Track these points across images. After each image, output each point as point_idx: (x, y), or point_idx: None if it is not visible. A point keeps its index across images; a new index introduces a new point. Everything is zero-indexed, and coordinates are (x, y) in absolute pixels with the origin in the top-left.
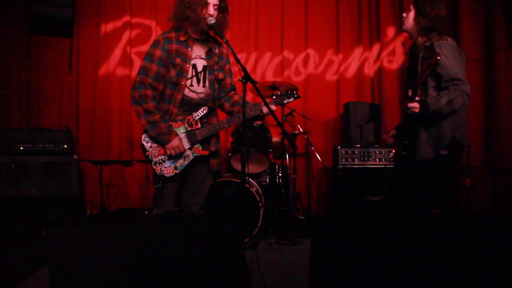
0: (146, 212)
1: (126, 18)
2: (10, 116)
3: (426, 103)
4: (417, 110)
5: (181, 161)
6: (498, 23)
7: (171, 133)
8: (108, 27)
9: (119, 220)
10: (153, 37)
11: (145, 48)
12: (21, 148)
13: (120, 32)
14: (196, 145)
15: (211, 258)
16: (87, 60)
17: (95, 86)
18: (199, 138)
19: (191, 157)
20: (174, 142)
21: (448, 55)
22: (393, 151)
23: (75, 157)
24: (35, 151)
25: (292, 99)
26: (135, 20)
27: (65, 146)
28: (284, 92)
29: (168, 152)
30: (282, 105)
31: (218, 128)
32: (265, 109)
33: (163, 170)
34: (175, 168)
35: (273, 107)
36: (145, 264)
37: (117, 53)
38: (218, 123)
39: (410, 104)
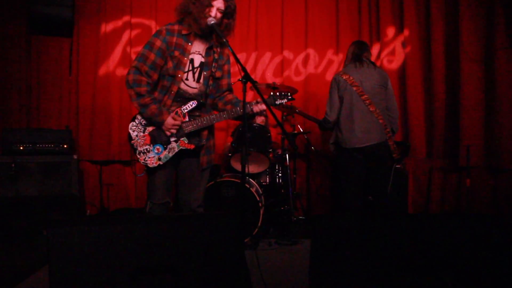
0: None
1: (126, 18)
2: (10, 116)
3: (320, 122)
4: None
5: (165, 152)
6: (498, 23)
7: (163, 113)
8: (108, 27)
9: (119, 220)
10: None
11: None
12: (21, 148)
13: (120, 32)
14: (182, 138)
15: (211, 258)
16: (87, 60)
17: (95, 86)
18: (186, 131)
19: (176, 149)
20: (169, 122)
21: None
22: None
23: (75, 157)
24: (35, 151)
25: (285, 100)
26: (135, 20)
27: (65, 146)
28: (277, 93)
29: (169, 133)
30: (274, 105)
31: (206, 123)
32: (255, 108)
33: (146, 160)
34: (159, 159)
35: (263, 106)
36: (145, 264)
37: (117, 53)
38: (206, 118)
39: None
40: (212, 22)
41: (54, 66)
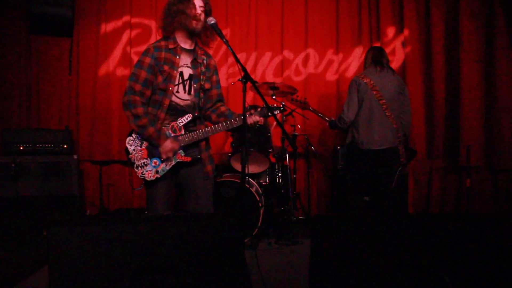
0: (146, 212)
1: (126, 18)
2: (10, 116)
3: (332, 121)
4: (327, 125)
5: (163, 165)
6: (498, 23)
7: (160, 137)
8: (108, 27)
9: (119, 220)
10: (153, 37)
11: (145, 47)
12: (21, 148)
13: (120, 32)
14: (178, 151)
15: (211, 258)
16: (87, 60)
17: (95, 86)
18: (182, 144)
19: (173, 162)
20: (166, 146)
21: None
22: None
23: (75, 157)
24: (35, 151)
25: (278, 111)
26: (135, 20)
27: (65, 146)
28: (270, 105)
29: (165, 156)
30: (267, 117)
31: (202, 136)
32: (249, 120)
33: (144, 174)
34: (157, 172)
35: (256, 118)
36: (145, 264)
37: (117, 53)
38: (202, 131)
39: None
40: (212, 22)
41: (54, 66)
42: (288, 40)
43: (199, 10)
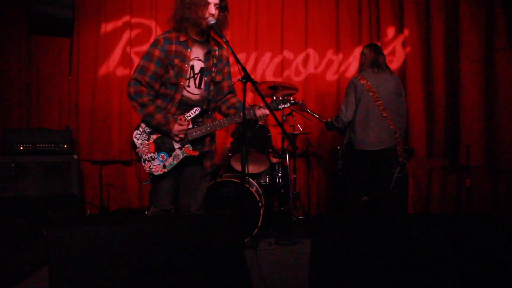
0: (146, 212)
1: (126, 18)
2: (10, 116)
3: (328, 122)
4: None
5: (170, 160)
6: (498, 23)
7: (169, 122)
8: (108, 27)
9: (119, 220)
10: (153, 37)
11: (145, 48)
12: (21, 148)
13: (120, 32)
14: (186, 145)
15: (211, 258)
16: (87, 60)
17: (95, 86)
18: (189, 138)
19: (181, 157)
20: (176, 129)
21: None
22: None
23: (75, 157)
24: (35, 151)
25: (288, 104)
26: (135, 20)
27: (65, 146)
28: (280, 98)
29: (178, 138)
30: (277, 110)
31: (210, 130)
32: (258, 113)
33: (151, 168)
34: (164, 166)
35: (266, 111)
36: (145, 264)
37: (117, 53)
38: (210, 125)
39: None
40: (212, 22)
41: (54, 66)
42: (288, 40)
43: (212, 9)
